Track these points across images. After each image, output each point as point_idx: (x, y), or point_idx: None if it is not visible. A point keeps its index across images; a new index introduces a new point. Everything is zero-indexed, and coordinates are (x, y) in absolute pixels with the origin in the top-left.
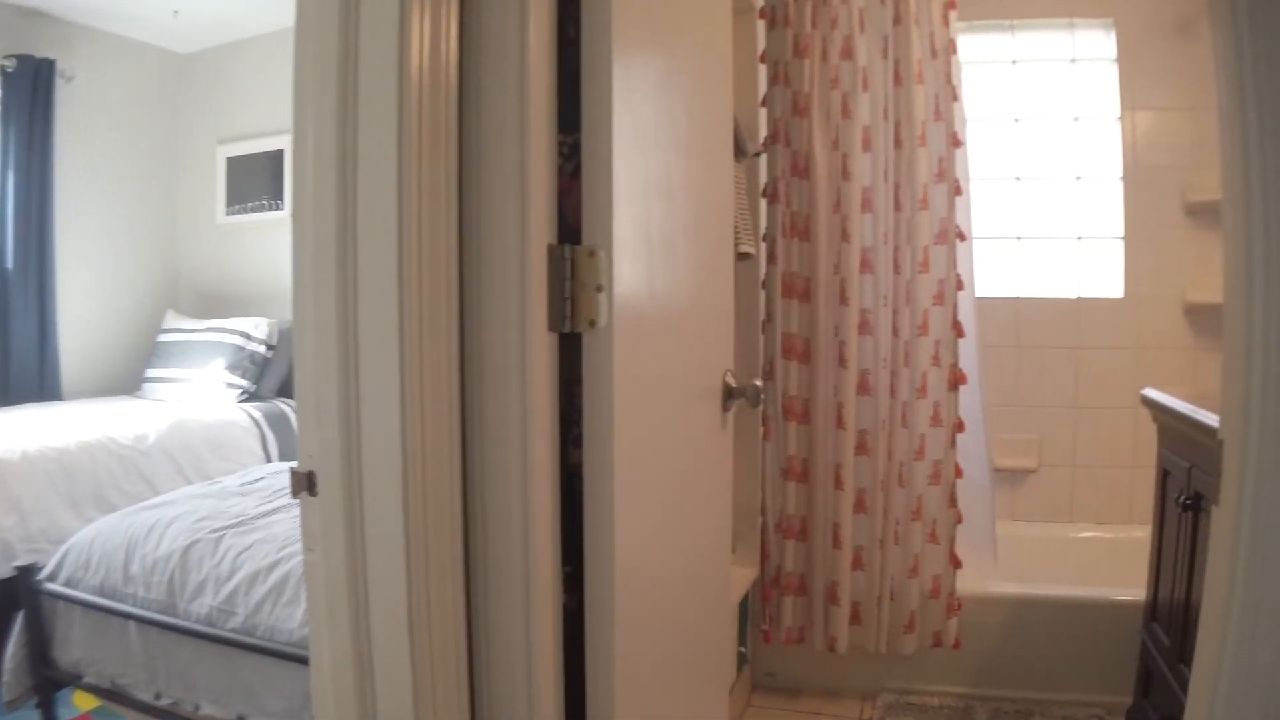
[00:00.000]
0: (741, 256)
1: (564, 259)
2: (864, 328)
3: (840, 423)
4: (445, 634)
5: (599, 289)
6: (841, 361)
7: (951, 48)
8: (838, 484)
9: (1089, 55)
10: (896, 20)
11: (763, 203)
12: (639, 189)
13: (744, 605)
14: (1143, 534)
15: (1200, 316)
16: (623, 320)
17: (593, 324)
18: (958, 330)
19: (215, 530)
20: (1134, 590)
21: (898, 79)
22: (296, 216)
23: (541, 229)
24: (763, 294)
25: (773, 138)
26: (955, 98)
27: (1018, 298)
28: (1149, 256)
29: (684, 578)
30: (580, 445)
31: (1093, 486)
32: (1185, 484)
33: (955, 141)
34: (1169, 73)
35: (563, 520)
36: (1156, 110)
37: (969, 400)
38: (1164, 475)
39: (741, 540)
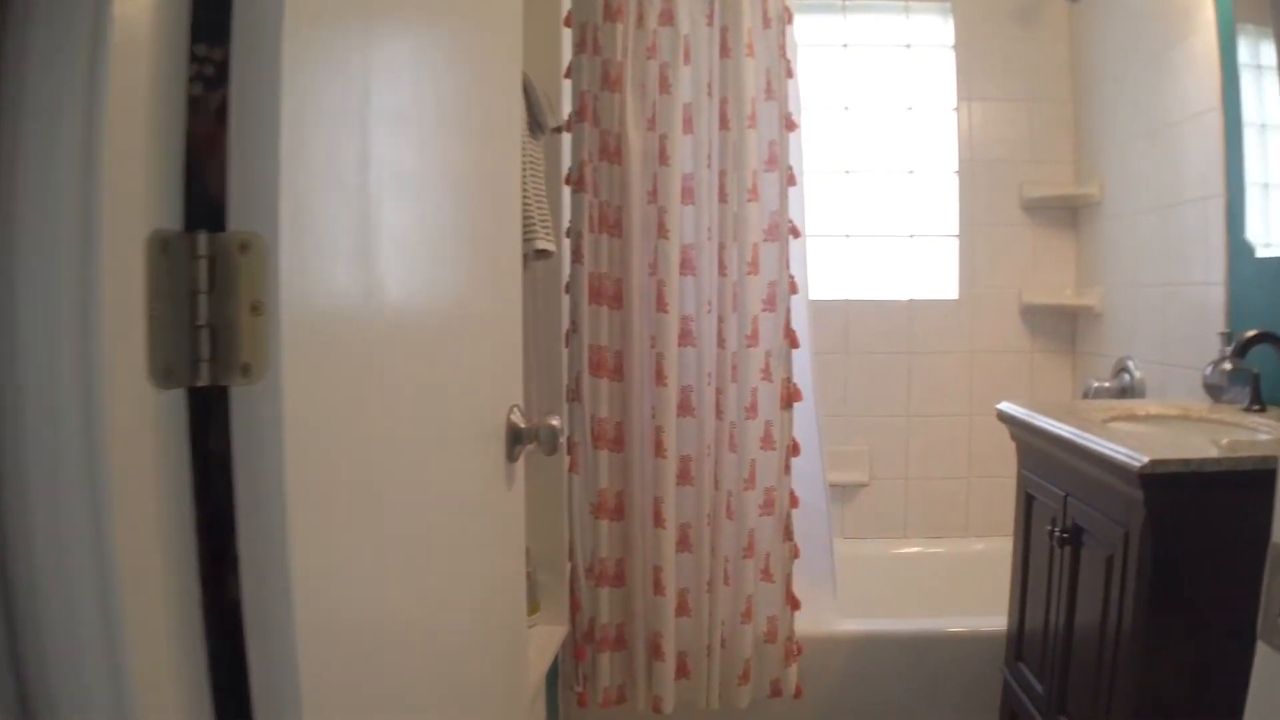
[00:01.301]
0: (539, 254)
1: (192, 256)
2: (685, 338)
3: (659, 449)
4: None
5: (255, 309)
6: (659, 378)
7: (787, 16)
8: (658, 520)
9: (925, 41)
10: None
11: (566, 191)
12: (352, 159)
13: (554, 668)
14: (982, 547)
15: (1036, 318)
16: (308, 359)
17: (246, 371)
18: (791, 340)
19: None
20: (987, 620)
21: (725, 50)
22: None
23: (136, 200)
24: (566, 299)
25: (579, 115)
26: (790, 74)
27: (847, 300)
28: (984, 255)
29: (450, 689)
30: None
31: (927, 499)
32: (1060, 515)
33: (789, 124)
34: (1007, 62)
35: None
36: (994, 101)
37: (804, 419)
38: (1028, 500)
39: (545, 593)
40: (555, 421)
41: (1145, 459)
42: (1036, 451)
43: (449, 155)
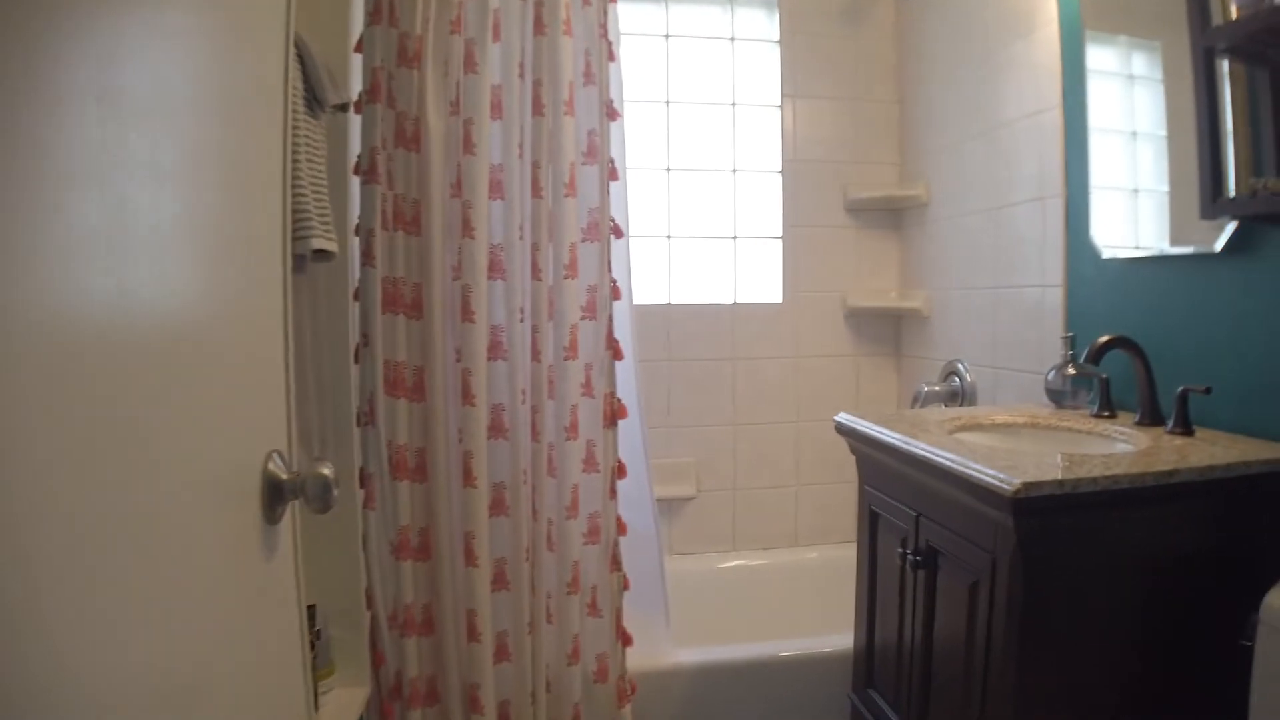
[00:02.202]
0: (318, 255)
1: None
2: (495, 350)
3: (468, 477)
4: None
5: None
6: (467, 396)
7: None
8: (469, 558)
9: (750, 35)
10: None
11: (355, 181)
12: None
13: None
14: (815, 555)
15: (861, 321)
16: None
17: None
18: (615, 351)
19: None
20: (829, 640)
21: (539, 27)
22: None
23: None
24: (356, 307)
25: (371, 94)
26: (611, 57)
27: (669, 304)
28: (809, 258)
29: None
30: None
31: (756, 509)
32: (912, 536)
33: (611, 113)
34: (833, 59)
35: None
36: (818, 99)
37: (630, 437)
38: (872, 517)
39: (341, 650)
40: (327, 471)
41: (1017, 482)
42: (880, 467)
43: (168, 134)
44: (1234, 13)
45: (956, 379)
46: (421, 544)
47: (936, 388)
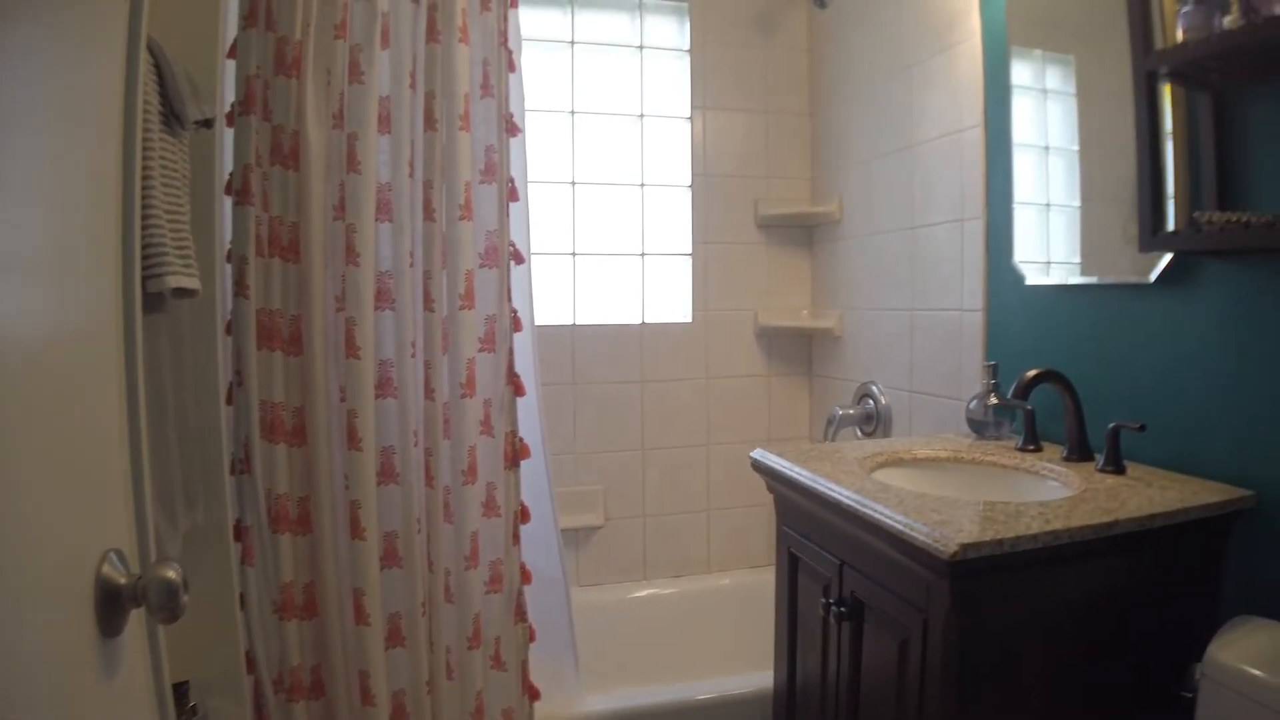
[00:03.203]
0: (179, 292)
1: None
2: (384, 388)
3: (356, 528)
4: None
5: None
6: (353, 439)
7: None
8: (360, 615)
9: (660, 44)
10: None
11: (227, 202)
12: None
13: None
14: (728, 581)
15: (773, 340)
16: None
17: None
18: (516, 386)
19: None
20: (747, 680)
21: (433, 33)
22: None
23: None
24: (228, 343)
25: (245, 105)
26: (512, 68)
27: (574, 325)
28: (719, 276)
29: None
30: None
31: (666, 536)
32: (835, 584)
33: (511, 128)
34: (745, 70)
35: None
36: (730, 111)
37: (533, 477)
38: (792, 560)
39: None
40: (173, 574)
41: (954, 544)
42: (800, 509)
43: None
44: (1179, 35)
45: (871, 401)
46: (307, 602)
47: (851, 411)
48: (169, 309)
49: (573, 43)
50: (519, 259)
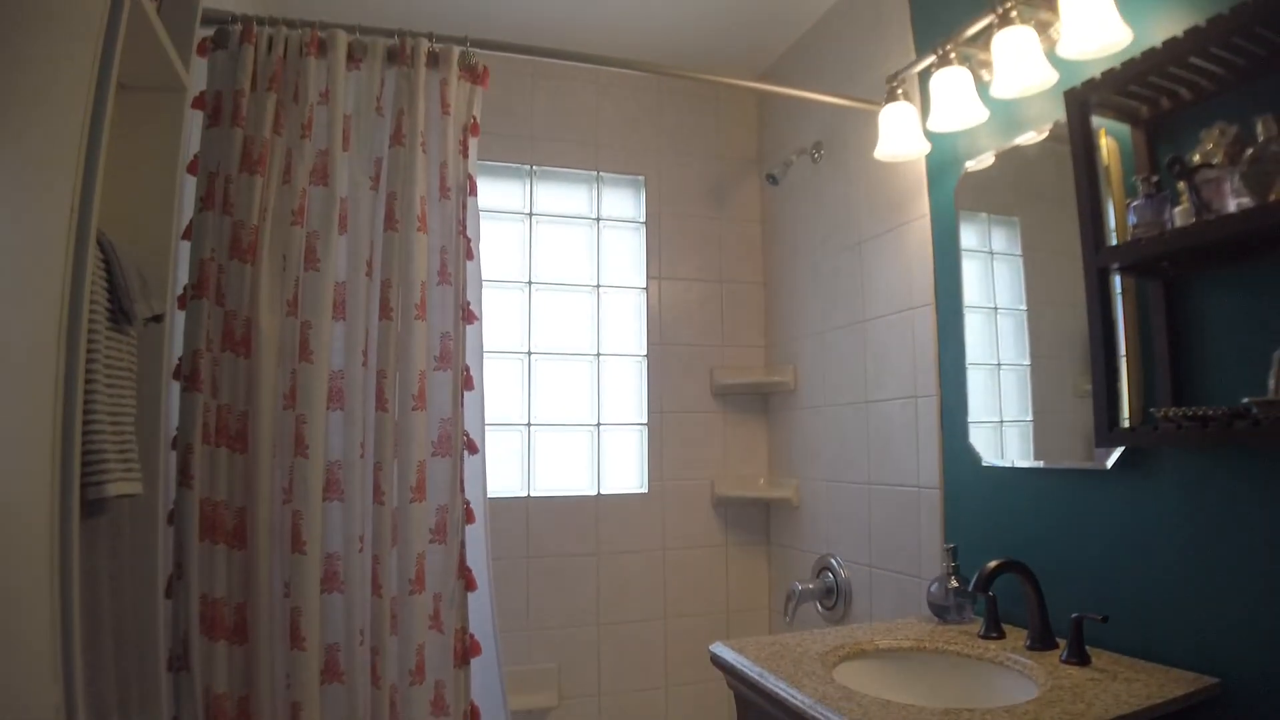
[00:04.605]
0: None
1: None
2: (330, 582)
3: None
4: None
5: None
6: (295, 638)
7: (470, 187)
8: None
9: (616, 216)
10: (396, 139)
11: (175, 387)
12: None
13: None
14: None
15: (730, 510)
16: None
17: None
18: (468, 580)
19: None
20: None
21: (390, 221)
22: None
23: None
24: (171, 533)
25: (198, 289)
26: (470, 255)
27: (528, 497)
28: (675, 445)
29: None
30: None
31: (623, 716)
32: None
33: (468, 316)
34: (699, 239)
35: None
36: (685, 280)
37: (485, 674)
38: None
39: None
40: None
41: None
42: (763, 712)
43: None
44: (1130, 230)
45: (831, 575)
46: None
47: (810, 585)
48: (109, 508)
49: (530, 214)
50: (472, 449)
